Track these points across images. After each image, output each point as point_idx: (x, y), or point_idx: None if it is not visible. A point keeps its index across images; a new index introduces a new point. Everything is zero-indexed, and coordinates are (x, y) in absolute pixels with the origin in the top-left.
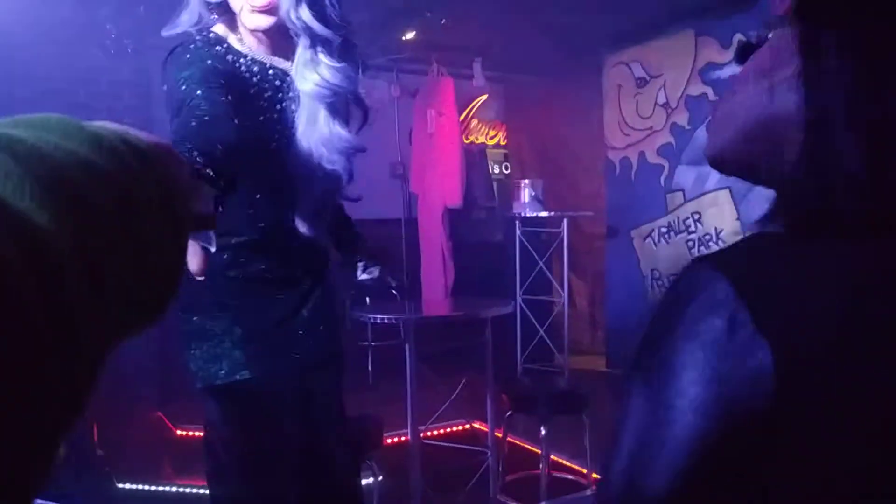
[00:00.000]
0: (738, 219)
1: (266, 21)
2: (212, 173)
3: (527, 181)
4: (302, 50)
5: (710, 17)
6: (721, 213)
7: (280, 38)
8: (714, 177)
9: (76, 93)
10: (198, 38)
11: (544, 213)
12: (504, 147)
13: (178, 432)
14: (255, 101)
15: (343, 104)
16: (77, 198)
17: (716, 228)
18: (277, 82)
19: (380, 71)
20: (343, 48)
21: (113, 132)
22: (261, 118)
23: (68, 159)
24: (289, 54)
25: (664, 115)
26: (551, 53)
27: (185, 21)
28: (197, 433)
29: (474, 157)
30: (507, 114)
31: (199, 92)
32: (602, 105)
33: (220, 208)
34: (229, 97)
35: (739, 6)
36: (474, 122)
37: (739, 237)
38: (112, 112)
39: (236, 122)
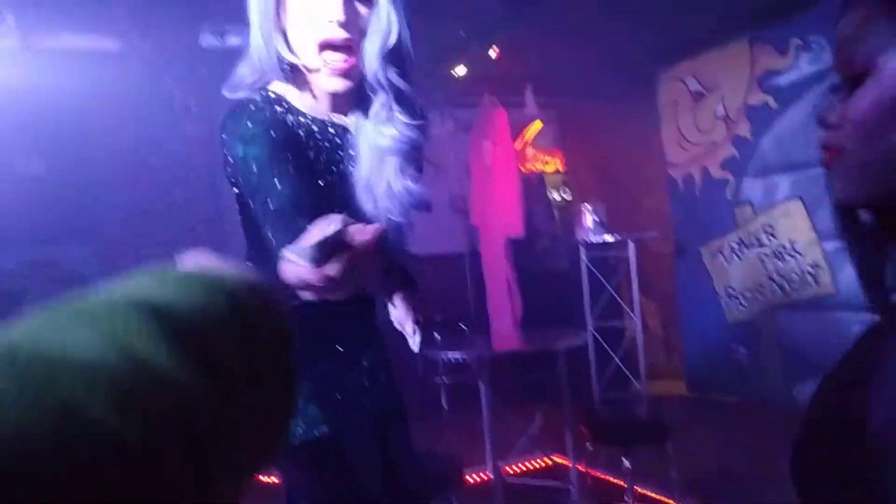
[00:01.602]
0: (812, 229)
1: (344, 85)
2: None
3: (588, 206)
4: (379, 107)
5: (764, 23)
6: (794, 224)
7: (346, 94)
8: (783, 187)
9: (146, 154)
10: (257, 98)
11: (609, 238)
12: (562, 172)
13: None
14: (315, 164)
15: (416, 160)
16: (215, 360)
17: (790, 240)
18: (338, 140)
19: (433, 107)
20: (417, 103)
21: (243, 285)
22: (321, 182)
23: (210, 322)
24: (347, 109)
25: (724, 128)
26: (602, 74)
27: (245, 76)
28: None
29: (533, 185)
30: (563, 139)
31: (275, 179)
32: (659, 122)
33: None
34: (298, 169)
35: (794, 9)
36: (530, 149)
37: (816, 247)
38: (183, 170)
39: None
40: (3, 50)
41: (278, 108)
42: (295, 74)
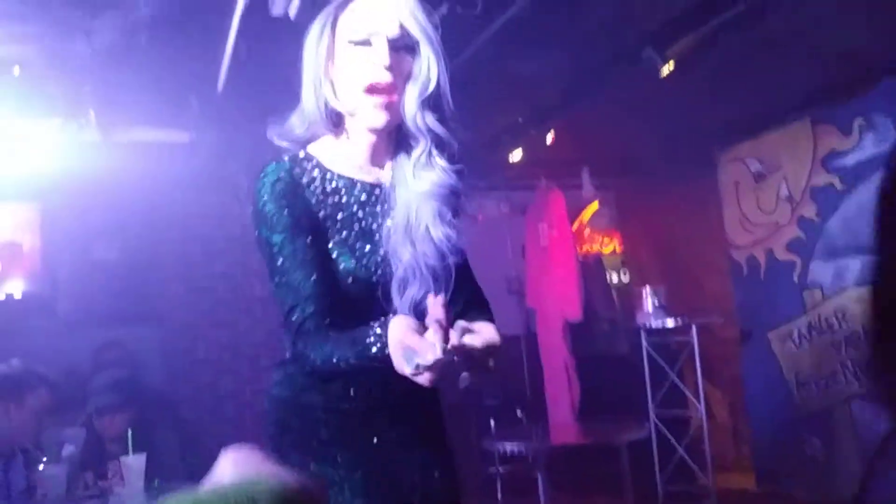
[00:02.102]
0: None
1: (385, 120)
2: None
3: (648, 289)
4: (418, 153)
5: (826, 103)
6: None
7: (384, 143)
8: (854, 270)
9: (213, 239)
10: (286, 157)
11: (671, 323)
12: (621, 254)
13: None
14: (332, 223)
15: (454, 205)
16: None
17: (864, 327)
18: (363, 197)
19: (489, 190)
20: (455, 150)
21: (278, 497)
22: (337, 238)
23: None
24: (384, 160)
25: (789, 209)
26: (660, 154)
27: (294, 126)
28: None
29: (591, 267)
30: (621, 219)
31: (289, 265)
32: (720, 202)
33: None
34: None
35: (856, 90)
36: (587, 230)
37: None
38: (244, 254)
39: (318, 272)
40: (84, 143)
41: (307, 165)
42: (338, 122)
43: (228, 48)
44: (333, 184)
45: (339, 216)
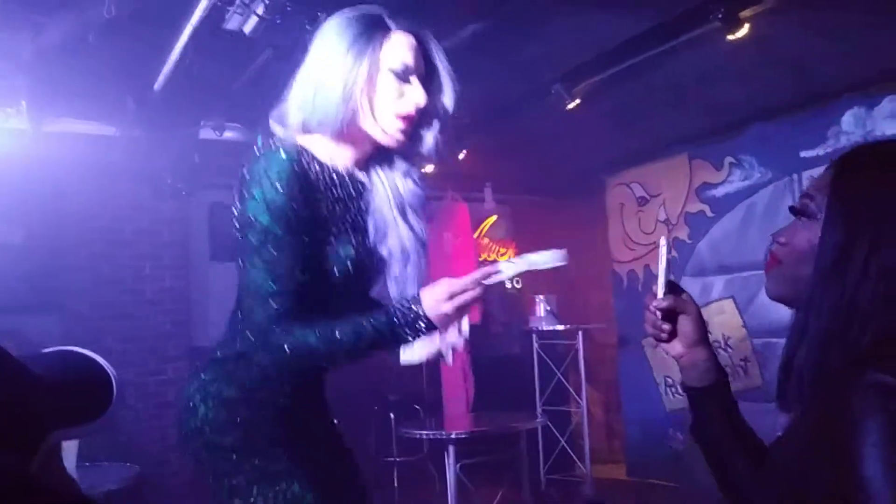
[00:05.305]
0: (743, 326)
1: (403, 142)
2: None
3: (541, 297)
4: (404, 166)
5: (702, 141)
6: (728, 320)
7: (370, 150)
8: (718, 287)
9: (121, 230)
10: (287, 146)
11: (560, 327)
12: None
13: None
14: (331, 214)
15: (422, 206)
16: None
17: (724, 335)
18: (352, 192)
19: None
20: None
21: None
22: (334, 229)
23: None
24: (363, 163)
25: (666, 231)
26: (555, 176)
27: (290, 115)
28: None
29: None
30: (517, 232)
31: (279, 255)
32: (606, 221)
33: None
34: (305, 236)
35: (729, 133)
36: (486, 240)
37: (746, 342)
38: (153, 247)
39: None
40: (13, 130)
41: (305, 157)
42: (347, 130)
43: (175, 54)
44: (333, 177)
45: (337, 209)
